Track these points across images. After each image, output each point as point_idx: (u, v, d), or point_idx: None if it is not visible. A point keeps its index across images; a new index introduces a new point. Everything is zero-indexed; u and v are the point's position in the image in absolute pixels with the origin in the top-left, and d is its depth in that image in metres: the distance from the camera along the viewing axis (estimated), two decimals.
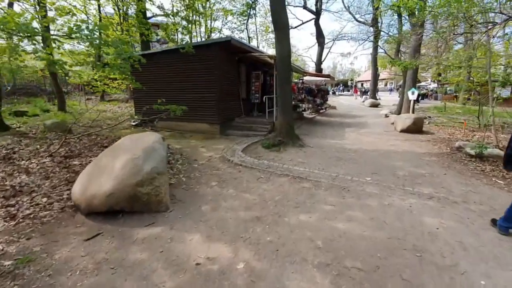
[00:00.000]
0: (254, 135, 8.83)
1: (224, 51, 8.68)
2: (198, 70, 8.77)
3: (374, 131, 10.49)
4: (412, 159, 6.18)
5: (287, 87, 7.46)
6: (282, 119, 7.62)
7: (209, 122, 8.99)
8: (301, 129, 10.82)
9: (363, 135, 9.60)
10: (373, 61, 22.87)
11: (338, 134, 9.82)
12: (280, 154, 6.64)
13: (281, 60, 7.35)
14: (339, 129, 11.08)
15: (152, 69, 9.58)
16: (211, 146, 7.35)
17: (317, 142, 8.15)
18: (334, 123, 12.89)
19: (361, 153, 6.79)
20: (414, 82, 12.54)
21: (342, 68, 78.90)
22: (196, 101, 9.01)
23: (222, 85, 8.79)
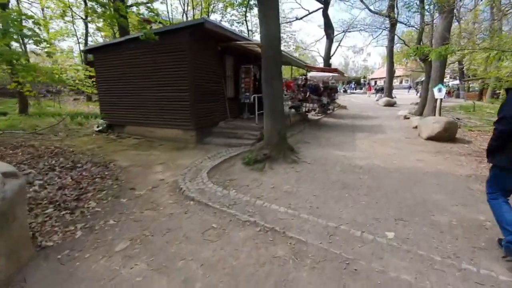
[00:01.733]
0: (239, 144, 6.99)
1: (199, 39, 6.86)
2: (167, 64, 7.00)
3: (392, 137, 8.41)
4: (456, 189, 4.16)
5: (276, 83, 5.56)
6: (270, 126, 5.73)
7: (182, 127, 7.20)
8: (302, 134, 8.89)
9: (378, 143, 7.57)
10: (389, 55, 20.52)
11: (346, 141, 7.82)
12: (262, 177, 4.76)
13: (267, 45, 5.45)
14: (348, 134, 9.06)
15: (116, 63, 7.91)
16: (175, 162, 5.57)
17: (318, 155, 6.22)
18: (343, 127, 10.85)
19: (376, 175, 4.81)
20: (441, 77, 10.32)
21: (354, 65, 75.77)
22: (167, 102, 7.25)
23: (198, 82, 6.98)
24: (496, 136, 2.32)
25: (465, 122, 11.15)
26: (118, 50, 7.74)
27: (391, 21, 16.30)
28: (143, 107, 7.69)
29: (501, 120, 2.24)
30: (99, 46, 8.16)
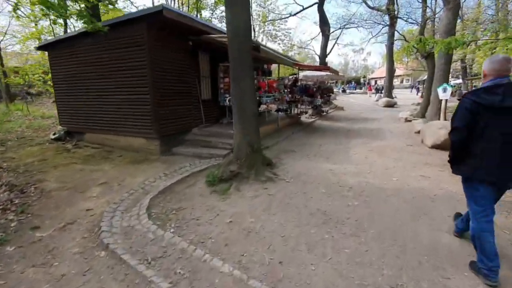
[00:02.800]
0: (210, 155, 5.93)
1: (161, 32, 5.80)
2: (124, 61, 5.95)
3: (391, 144, 7.33)
4: None
5: (245, 82, 4.49)
6: (239, 136, 4.67)
7: (145, 136, 6.14)
8: (289, 141, 7.83)
9: (375, 152, 6.48)
10: (389, 53, 19.44)
11: (339, 150, 6.74)
12: (222, 203, 3.70)
13: (233, 36, 4.39)
14: (342, 140, 7.98)
15: (71, 61, 6.86)
16: (123, 181, 4.51)
17: (301, 169, 5.15)
18: (337, 131, 9.77)
19: (369, 201, 3.74)
20: (446, 75, 9.22)
21: (354, 65, 74.54)
22: (127, 106, 6.19)
23: (161, 82, 5.92)
24: (452, 147, 2.26)
25: None
26: (73, 46, 6.69)
27: (390, 15, 15.20)
28: (103, 112, 6.64)
29: (453, 131, 2.18)
30: (52, 42, 7.11)
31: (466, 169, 2.20)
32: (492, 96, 1.97)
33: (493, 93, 1.96)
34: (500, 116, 1.97)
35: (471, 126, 2.07)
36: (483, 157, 2.07)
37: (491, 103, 1.96)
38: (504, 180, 2.08)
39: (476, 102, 2.02)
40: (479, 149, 2.09)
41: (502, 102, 1.92)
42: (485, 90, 2.02)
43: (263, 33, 22.49)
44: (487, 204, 2.16)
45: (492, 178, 2.07)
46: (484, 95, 2.00)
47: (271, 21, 20.87)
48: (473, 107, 2.03)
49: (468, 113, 2.06)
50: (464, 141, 2.14)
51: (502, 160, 2.02)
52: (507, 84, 1.95)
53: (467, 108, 2.06)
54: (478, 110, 2.01)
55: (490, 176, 2.07)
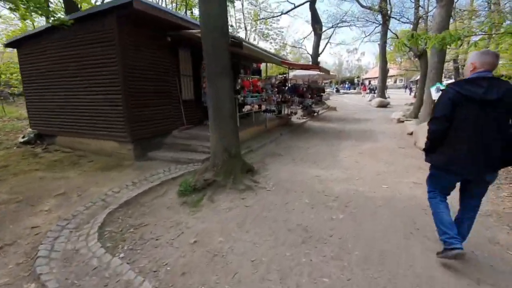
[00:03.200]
0: (189, 160, 5.49)
1: (134, 26, 5.35)
2: (94, 58, 5.48)
3: (383, 146, 6.97)
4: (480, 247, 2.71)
5: (222, 81, 4.06)
6: (215, 141, 4.24)
7: (117, 139, 5.67)
8: (277, 143, 7.43)
9: (366, 155, 6.12)
10: (382, 52, 19.22)
11: (327, 153, 6.36)
12: (191, 218, 3.27)
13: (207, 30, 3.96)
14: (332, 142, 7.61)
15: (41, 58, 6.36)
16: (86, 191, 4.05)
17: (285, 175, 4.75)
18: (328, 132, 9.40)
19: (356, 213, 3.34)
20: (439, 75, 8.93)
21: (348, 65, 74.64)
22: (98, 106, 5.71)
23: (135, 81, 5.46)
24: (430, 136, 2.25)
25: None
26: (41, 43, 6.18)
27: (382, 12, 14.93)
28: (74, 113, 6.14)
29: (432, 120, 2.19)
30: (19, 39, 6.58)
31: (439, 158, 2.21)
32: (476, 88, 1.95)
33: (478, 85, 1.94)
34: (480, 108, 1.95)
35: (451, 117, 2.05)
36: (457, 148, 2.07)
37: (473, 95, 1.95)
38: (475, 173, 2.06)
39: (459, 92, 1.99)
40: (453, 140, 2.09)
41: (485, 94, 1.91)
42: (469, 82, 2.00)
43: (255, 32, 22.08)
44: (444, 189, 2.35)
45: (463, 171, 2.08)
46: (468, 86, 1.97)
47: (263, 20, 20.47)
48: (455, 98, 2.01)
49: (450, 103, 2.03)
50: (443, 131, 2.12)
51: (475, 153, 2.01)
52: (491, 78, 1.94)
53: (449, 98, 2.04)
54: (460, 101, 2.00)
55: (461, 169, 2.08)
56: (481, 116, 1.96)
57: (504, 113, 1.95)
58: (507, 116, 1.97)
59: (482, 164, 2.02)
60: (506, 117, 1.97)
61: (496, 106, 1.91)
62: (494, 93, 1.89)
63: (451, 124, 2.07)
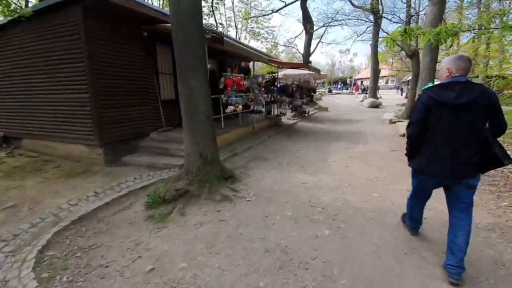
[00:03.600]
0: (165, 166, 5.03)
1: (105, 19, 4.86)
2: (58, 54, 4.97)
3: (374, 149, 6.64)
4: None
5: (195, 79, 3.63)
6: (189, 145, 3.81)
7: (85, 142, 5.17)
8: (264, 146, 7.04)
9: (356, 159, 5.77)
10: (373, 52, 19.07)
11: (316, 157, 5.98)
12: (155, 235, 2.82)
13: (178, 21, 3.51)
14: (322, 144, 7.25)
15: (3, 54, 5.77)
16: (42, 202, 3.57)
17: (269, 182, 4.34)
18: (319, 133, 9.05)
19: (344, 229, 2.96)
20: (431, 74, 8.69)
21: (341, 66, 75.08)
22: (63, 106, 5.20)
23: (105, 79, 4.97)
24: (408, 141, 2.30)
25: None
26: (4, 37, 5.62)
27: (373, 10, 14.70)
28: (40, 114, 5.61)
29: (410, 125, 2.23)
30: None
31: (419, 162, 2.25)
32: (448, 92, 1.97)
33: (451, 89, 1.96)
34: (453, 112, 1.98)
35: (427, 121, 2.09)
36: (434, 152, 2.11)
37: (445, 100, 1.97)
38: (453, 176, 2.07)
39: (432, 97, 2.03)
40: (431, 145, 2.13)
41: (456, 99, 1.94)
42: (442, 87, 2.03)
43: (246, 30, 21.63)
44: (424, 195, 2.47)
45: (441, 174, 2.10)
46: (440, 91, 2.00)
47: (254, 18, 20.04)
48: (428, 103, 2.05)
49: (424, 108, 2.07)
50: (419, 135, 2.17)
51: (451, 156, 2.04)
52: (464, 83, 1.96)
53: (423, 103, 2.08)
54: (433, 106, 2.03)
55: (439, 172, 2.10)
56: (454, 120, 1.98)
57: (479, 115, 1.95)
58: (482, 119, 1.98)
59: (457, 167, 2.03)
60: (481, 120, 1.98)
61: (468, 109, 1.93)
62: (465, 96, 1.91)
63: (429, 128, 2.10)
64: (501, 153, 2.00)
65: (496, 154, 2.00)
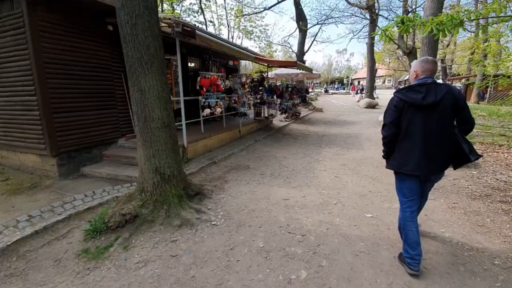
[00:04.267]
0: (128, 178, 4.39)
1: (57, 10, 4.20)
2: (4, 51, 4.29)
3: (369, 156, 6.03)
4: None
5: (148, 80, 2.98)
6: (144, 160, 3.15)
7: (37, 151, 4.49)
8: (248, 151, 6.43)
9: (349, 168, 5.16)
10: (369, 50, 18.48)
11: (305, 165, 5.37)
12: (81, 281, 2.17)
13: (125, 5, 2.85)
14: (312, 150, 6.64)
15: None
16: None
17: (244, 200, 3.71)
18: (310, 137, 8.43)
19: (326, 270, 2.34)
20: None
21: (338, 66, 75.00)
22: (10, 110, 4.52)
23: (60, 79, 4.31)
24: (383, 142, 2.34)
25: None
26: None
27: (369, 4, 14.11)
28: None
29: (383, 127, 2.27)
30: None
31: (395, 163, 2.26)
32: (416, 94, 2.04)
33: (417, 91, 2.04)
34: (421, 113, 2.04)
35: (399, 123, 2.14)
36: (408, 152, 2.15)
37: (414, 101, 2.04)
38: (427, 173, 2.13)
39: (402, 99, 2.09)
40: (405, 145, 2.17)
41: (423, 100, 2.00)
42: (410, 89, 2.09)
43: (238, 29, 20.97)
44: (413, 196, 2.25)
45: (416, 172, 2.12)
46: (409, 93, 2.07)
47: (247, 16, 19.39)
48: (399, 105, 2.11)
49: (395, 110, 2.14)
50: (393, 136, 2.22)
51: (424, 155, 2.08)
52: (430, 84, 2.01)
53: (395, 105, 2.14)
54: (403, 107, 2.09)
55: (414, 170, 2.12)
56: (424, 120, 2.04)
57: (446, 114, 2.02)
58: (450, 117, 2.04)
59: (430, 164, 2.09)
60: (449, 118, 2.04)
61: (435, 109, 2.00)
62: (432, 97, 1.98)
63: (401, 130, 2.14)
64: (468, 149, 2.08)
65: (463, 151, 2.07)
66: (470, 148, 2.09)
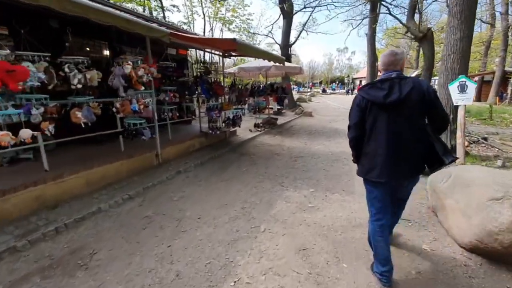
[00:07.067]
0: None
1: None
2: None
3: (358, 209, 3.07)
4: None
5: None
6: None
7: None
8: (150, 197, 3.52)
9: (315, 248, 2.20)
10: (370, 43, 15.50)
11: (217, 255, 2.45)
12: None
13: None
14: (263, 196, 3.75)
15: None
16: None
17: None
18: (276, 161, 5.52)
19: None
20: (465, 58, 5.15)
21: (339, 64, 72.15)
22: None
23: None
24: (349, 145, 2.14)
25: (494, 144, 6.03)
26: None
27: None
28: None
29: (348, 129, 2.08)
30: None
31: (361, 169, 2.05)
32: (378, 91, 1.84)
33: (378, 88, 1.84)
34: (386, 112, 1.82)
35: (364, 124, 1.93)
36: (372, 156, 1.92)
37: (375, 99, 1.83)
38: (396, 179, 1.91)
39: (364, 98, 1.90)
40: (369, 148, 1.94)
41: (385, 98, 1.79)
42: (372, 86, 1.89)
43: (217, 19, 18.02)
44: (381, 207, 2.01)
45: (383, 178, 1.89)
46: (370, 91, 1.87)
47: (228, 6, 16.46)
48: (362, 103, 1.91)
49: (358, 110, 1.93)
50: (357, 139, 2.01)
51: (390, 159, 1.85)
52: (394, 79, 1.81)
53: (357, 104, 1.95)
54: (366, 106, 1.89)
55: (381, 177, 1.89)
56: (388, 120, 1.82)
57: (414, 112, 1.80)
58: (419, 115, 1.83)
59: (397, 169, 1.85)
60: (418, 116, 1.82)
61: (401, 107, 1.78)
62: (395, 93, 1.77)
63: (366, 131, 1.93)
64: (442, 151, 1.85)
65: (437, 152, 1.85)
66: (445, 149, 1.85)
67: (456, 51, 5.02)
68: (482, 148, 6.06)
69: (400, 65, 1.87)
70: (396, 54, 1.88)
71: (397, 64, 1.86)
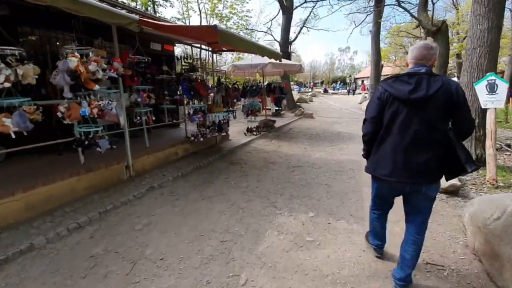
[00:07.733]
0: None
1: None
2: None
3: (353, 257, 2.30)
4: None
5: None
6: None
7: None
8: (107, 225, 2.73)
9: None
10: (374, 40, 14.70)
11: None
12: None
13: None
14: (250, 223, 2.99)
15: None
16: None
17: None
18: (271, 173, 4.77)
19: None
20: (495, 53, 4.37)
21: (340, 64, 71.20)
22: None
23: None
24: (363, 140, 2.02)
25: None
26: None
27: None
28: None
29: (364, 122, 1.95)
30: None
31: (370, 166, 1.95)
32: (403, 85, 1.67)
33: (405, 82, 1.67)
34: (408, 109, 1.67)
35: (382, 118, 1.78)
36: (386, 154, 1.79)
37: (399, 94, 1.68)
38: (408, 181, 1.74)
39: (387, 91, 1.74)
40: (383, 145, 1.82)
41: (411, 93, 1.63)
42: (398, 79, 1.72)
43: (214, 16, 17.25)
44: (382, 203, 2.08)
45: (393, 177, 1.78)
46: (395, 85, 1.71)
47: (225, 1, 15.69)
48: (383, 97, 1.76)
49: (379, 103, 1.78)
50: (373, 134, 1.88)
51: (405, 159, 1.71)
52: (423, 74, 1.64)
53: (378, 97, 1.79)
54: (388, 100, 1.74)
55: (389, 176, 1.79)
56: (409, 118, 1.67)
57: (439, 113, 1.63)
58: (443, 116, 1.65)
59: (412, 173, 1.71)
60: (441, 117, 1.65)
61: (425, 105, 1.62)
62: (422, 90, 1.60)
63: (384, 127, 1.78)
64: (465, 158, 1.66)
65: (459, 159, 1.67)
66: (468, 156, 1.67)
67: (483, 44, 4.23)
68: (508, 156, 5.27)
69: (432, 60, 1.69)
70: (430, 48, 1.70)
71: (430, 58, 1.69)
